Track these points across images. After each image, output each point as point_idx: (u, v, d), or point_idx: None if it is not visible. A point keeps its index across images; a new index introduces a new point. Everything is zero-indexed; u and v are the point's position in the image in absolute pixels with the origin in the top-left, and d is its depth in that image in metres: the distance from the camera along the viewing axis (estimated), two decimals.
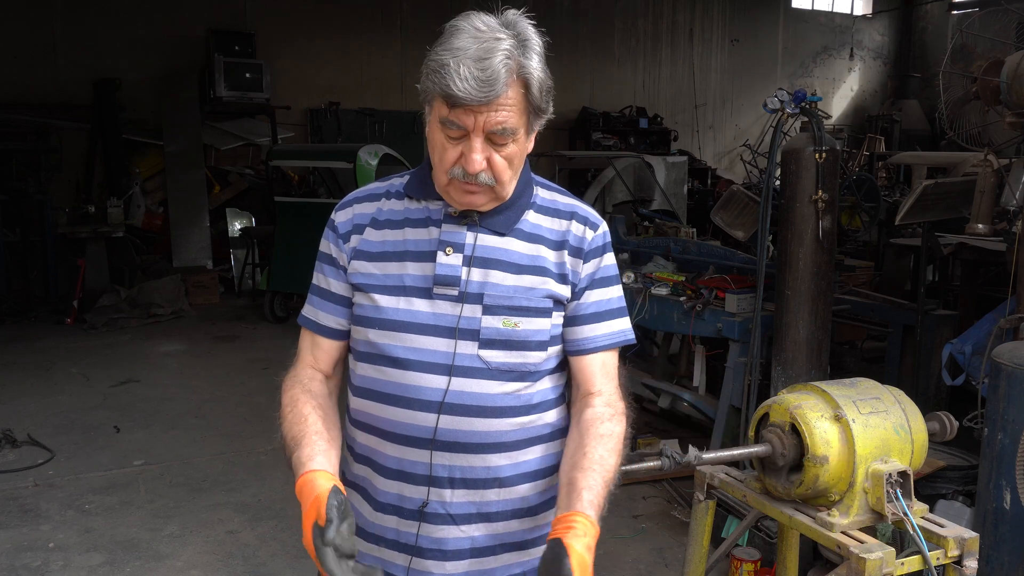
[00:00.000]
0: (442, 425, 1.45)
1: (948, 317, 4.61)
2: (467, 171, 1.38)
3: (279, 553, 3.74)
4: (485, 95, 1.31)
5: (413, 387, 1.46)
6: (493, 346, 1.46)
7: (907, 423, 1.91)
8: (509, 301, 1.47)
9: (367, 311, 1.51)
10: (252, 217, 9.94)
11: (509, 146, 1.40)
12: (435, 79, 1.33)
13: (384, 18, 11.24)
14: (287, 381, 1.58)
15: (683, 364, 5.13)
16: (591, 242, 1.54)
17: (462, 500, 1.49)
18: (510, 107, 1.35)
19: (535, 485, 1.54)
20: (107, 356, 6.93)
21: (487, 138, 1.37)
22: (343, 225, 1.56)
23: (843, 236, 6.73)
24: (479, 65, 1.30)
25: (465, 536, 1.51)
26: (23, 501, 4.23)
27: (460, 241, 1.48)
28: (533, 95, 1.38)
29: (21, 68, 9.07)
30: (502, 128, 1.36)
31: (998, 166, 3.84)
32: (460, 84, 1.30)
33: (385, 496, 1.52)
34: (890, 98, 15.02)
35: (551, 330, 1.51)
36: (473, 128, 1.35)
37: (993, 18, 4.28)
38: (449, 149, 1.39)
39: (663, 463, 1.82)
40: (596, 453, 1.44)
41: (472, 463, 1.48)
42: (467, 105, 1.32)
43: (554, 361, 1.54)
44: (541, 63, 1.38)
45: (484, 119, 1.34)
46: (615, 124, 12.59)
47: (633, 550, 3.79)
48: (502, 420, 1.48)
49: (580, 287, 1.53)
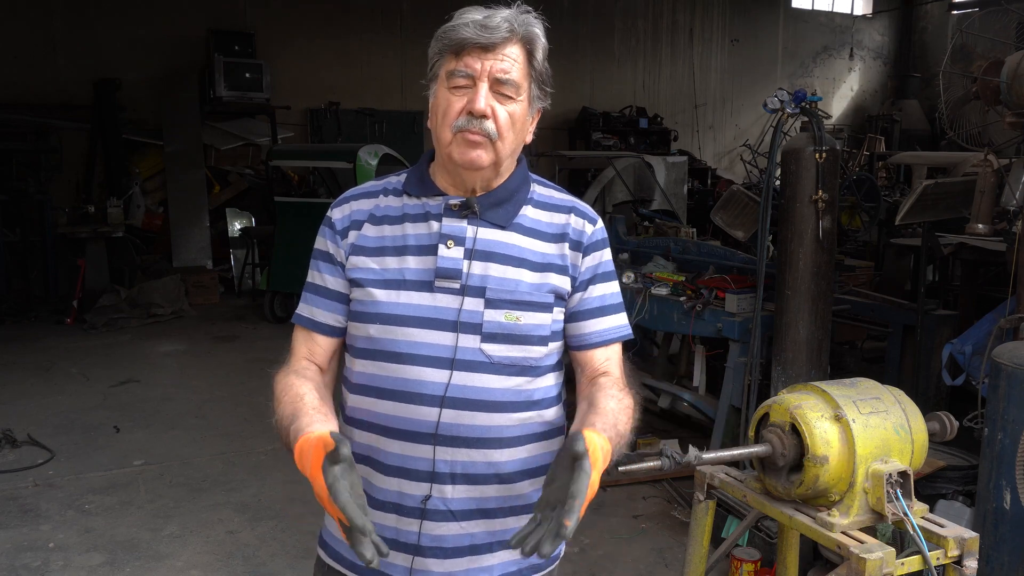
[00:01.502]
0: (444, 419, 1.45)
1: (948, 317, 4.61)
2: (472, 111, 1.43)
3: (279, 553, 3.74)
4: (491, 36, 1.41)
5: (414, 381, 1.46)
6: (495, 340, 1.47)
7: (907, 423, 1.91)
8: (511, 295, 1.48)
9: (366, 306, 1.51)
10: (252, 217, 9.94)
11: (512, 104, 1.45)
12: (443, 38, 1.45)
13: (384, 18, 11.24)
14: (280, 373, 1.54)
15: (683, 364, 5.13)
16: (591, 236, 1.56)
17: (463, 496, 1.49)
18: (513, 60, 1.44)
19: (534, 482, 1.55)
20: (107, 356, 6.93)
21: (492, 90, 1.43)
22: (340, 222, 1.57)
23: (843, 236, 6.73)
24: (486, 19, 1.43)
25: (465, 533, 1.51)
26: (23, 501, 4.23)
27: (461, 234, 1.49)
28: (536, 60, 1.47)
29: (21, 68, 9.08)
30: (506, 77, 1.43)
31: (998, 166, 3.84)
32: (470, 29, 1.41)
33: (384, 494, 1.51)
34: (890, 98, 15.02)
35: (552, 325, 1.52)
36: (479, 74, 1.42)
37: (993, 18, 4.28)
38: (455, 101, 1.44)
39: (663, 463, 1.81)
40: (609, 407, 1.44)
41: (473, 458, 1.48)
42: (472, 47, 1.41)
43: (554, 357, 1.56)
44: (542, 32, 1.48)
45: (490, 65, 1.42)
46: (615, 124, 12.59)
47: (633, 550, 3.79)
48: (503, 415, 1.49)
49: (581, 280, 1.55)
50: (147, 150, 9.66)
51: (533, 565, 1.58)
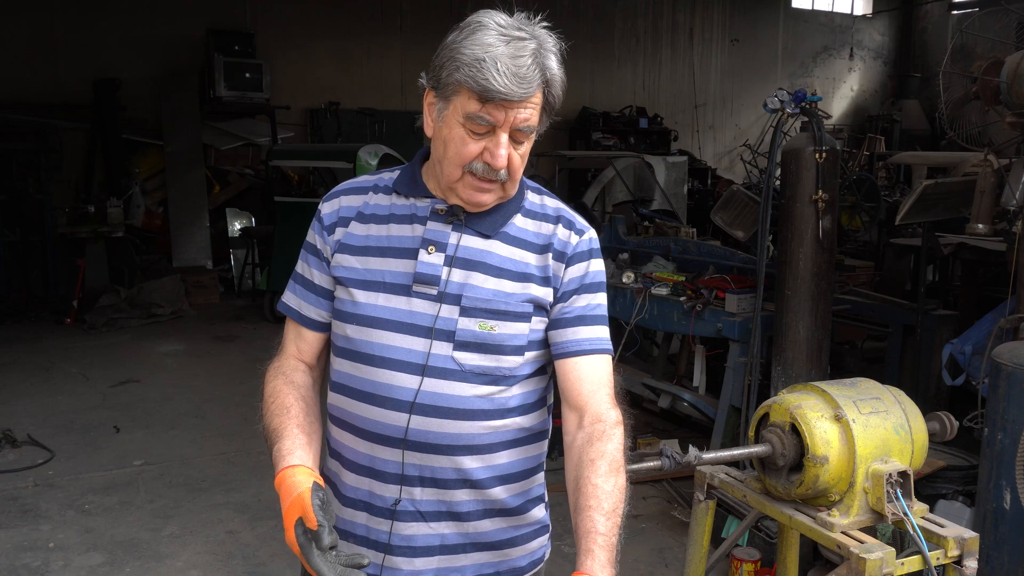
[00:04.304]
0: (413, 425, 1.44)
1: (948, 317, 4.61)
2: (492, 166, 1.39)
3: (279, 553, 3.74)
4: (524, 91, 1.35)
5: (385, 385, 1.45)
6: (467, 348, 1.45)
7: (907, 423, 1.91)
8: (487, 304, 1.45)
9: (346, 306, 1.50)
10: (252, 217, 9.94)
11: (525, 144, 1.43)
12: (470, 73, 1.33)
13: (384, 18, 11.24)
14: (270, 371, 1.57)
15: (683, 364, 5.13)
16: (575, 247, 1.52)
17: (431, 499, 1.48)
18: (535, 105, 1.39)
19: (510, 488, 1.52)
20: (107, 356, 6.93)
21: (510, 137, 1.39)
22: (328, 217, 1.56)
23: (843, 236, 6.74)
24: (516, 63, 1.33)
25: (434, 533, 1.50)
26: (23, 501, 4.23)
27: (444, 240, 1.48)
28: (552, 95, 1.43)
29: (21, 68, 9.07)
30: (527, 125, 1.39)
31: (998, 166, 3.84)
32: (500, 80, 1.32)
33: (354, 492, 1.52)
34: (890, 98, 15.02)
35: (529, 335, 1.48)
36: (502, 124, 1.37)
37: (993, 18, 4.29)
38: (471, 144, 1.39)
39: (663, 463, 1.82)
40: (589, 486, 1.38)
41: (442, 464, 1.46)
42: (501, 101, 1.34)
43: (532, 366, 1.51)
44: (559, 65, 1.43)
45: (514, 116, 1.37)
46: (615, 124, 12.58)
47: (633, 550, 3.79)
48: (473, 423, 1.46)
49: (564, 291, 1.50)
50: (147, 150, 9.65)
51: (513, 568, 1.56)
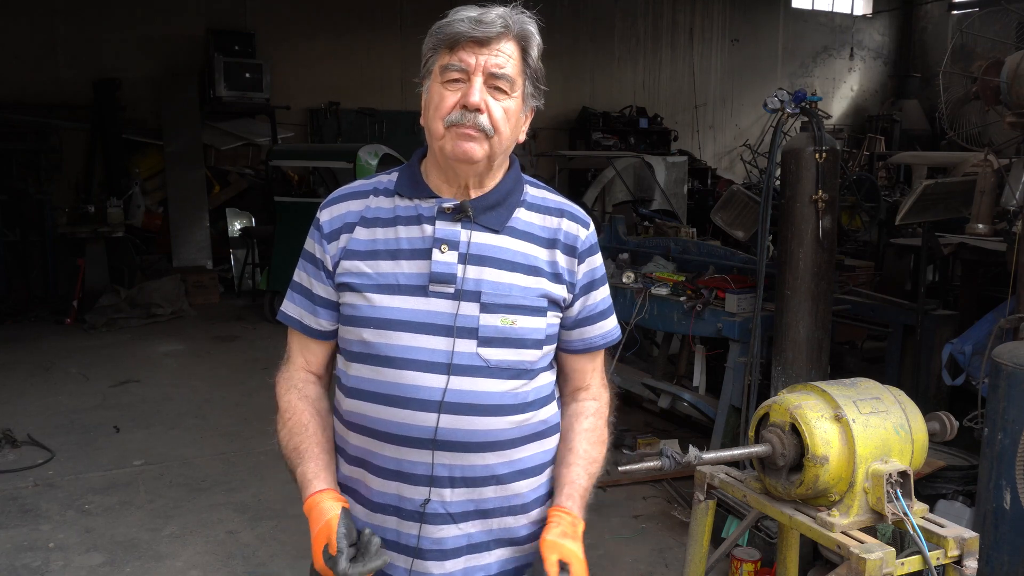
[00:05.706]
0: (443, 424, 1.45)
1: (948, 317, 4.61)
2: (467, 104, 1.42)
3: (279, 553, 3.74)
4: (484, 31, 1.42)
5: (410, 387, 1.46)
6: (492, 344, 1.47)
7: (907, 423, 1.91)
8: (506, 299, 1.48)
9: (360, 310, 1.50)
10: (252, 217, 9.94)
11: (506, 100, 1.45)
12: (437, 33, 1.45)
13: (384, 18, 11.24)
14: (282, 384, 1.60)
15: (683, 364, 5.13)
16: (584, 241, 1.57)
17: (461, 499, 1.49)
18: (508, 56, 1.44)
19: (530, 482, 1.56)
20: (107, 356, 6.93)
21: (486, 84, 1.43)
22: (328, 224, 1.56)
23: (843, 236, 6.74)
24: (479, 14, 1.44)
25: (463, 533, 1.51)
26: (23, 501, 4.23)
27: (455, 238, 1.48)
28: (531, 57, 1.48)
29: (21, 68, 9.07)
30: (501, 71, 1.43)
31: (998, 166, 3.84)
32: (465, 24, 1.42)
33: (382, 497, 1.52)
34: (890, 98, 15.03)
35: (546, 329, 1.52)
36: (473, 68, 1.43)
37: (993, 18, 4.29)
38: (448, 96, 1.44)
39: (663, 463, 1.82)
40: (580, 447, 1.58)
41: (472, 462, 1.48)
42: (467, 42, 1.42)
43: (547, 359, 1.57)
44: (536, 31, 1.49)
45: (484, 60, 1.42)
46: (615, 124, 12.58)
47: (633, 550, 3.79)
48: (500, 418, 1.49)
49: (580, 287, 1.56)
50: (147, 150, 9.65)
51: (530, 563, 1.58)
